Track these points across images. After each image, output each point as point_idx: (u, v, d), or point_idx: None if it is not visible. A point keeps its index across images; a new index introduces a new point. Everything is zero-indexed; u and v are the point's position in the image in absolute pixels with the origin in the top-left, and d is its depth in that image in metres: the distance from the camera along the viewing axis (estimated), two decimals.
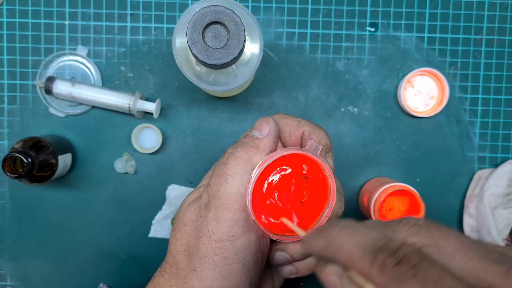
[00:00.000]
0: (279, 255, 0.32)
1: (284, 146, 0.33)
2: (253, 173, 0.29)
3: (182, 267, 0.30)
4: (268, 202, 0.30)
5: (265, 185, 0.30)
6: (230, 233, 0.29)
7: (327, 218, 0.30)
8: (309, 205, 0.31)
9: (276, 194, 0.31)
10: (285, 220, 0.30)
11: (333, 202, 0.30)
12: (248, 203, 0.29)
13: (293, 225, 0.29)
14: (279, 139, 0.33)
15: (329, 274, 0.23)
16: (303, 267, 0.33)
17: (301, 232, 0.27)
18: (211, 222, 0.29)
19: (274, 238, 0.30)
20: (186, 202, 0.32)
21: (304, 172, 0.31)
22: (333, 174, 0.30)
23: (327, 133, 0.33)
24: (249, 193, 0.29)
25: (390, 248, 0.20)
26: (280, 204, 0.30)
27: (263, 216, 0.30)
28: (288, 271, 0.33)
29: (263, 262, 0.32)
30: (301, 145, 0.32)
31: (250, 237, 0.30)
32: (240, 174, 0.29)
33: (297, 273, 0.33)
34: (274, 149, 0.31)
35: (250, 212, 0.29)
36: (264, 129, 0.31)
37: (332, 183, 0.30)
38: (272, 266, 0.35)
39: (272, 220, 0.30)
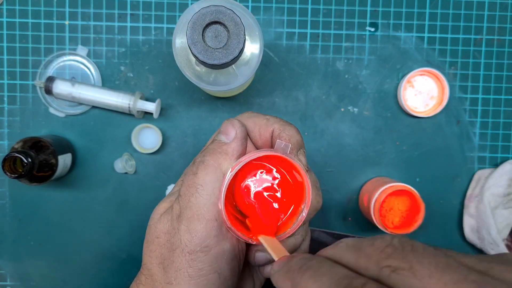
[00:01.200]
0: (260, 256, 0.32)
1: (255, 146, 0.32)
2: (225, 179, 0.28)
3: (157, 279, 0.30)
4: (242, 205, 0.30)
5: (238, 188, 0.30)
6: (203, 244, 0.28)
7: (303, 220, 0.30)
8: (286, 204, 0.31)
9: (250, 196, 0.30)
10: (262, 239, 0.29)
11: (309, 200, 0.30)
12: (222, 208, 0.28)
13: (268, 248, 0.28)
14: (250, 140, 0.32)
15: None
16: None
17: (274, 257, 0.27)
18: (184, 234, 0.29)
19: (252, 242, 0.30)
20: (157, 213, 0.32)
21: (276, 173, 0.31)
22: (306, 171, 0.30)
23: (297, 129, 0.32)
24: (222, 199, 0.28)
25: (355, 286, 0.19)
26: (255, 205, 0.30)
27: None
28: (270, 270, 0.33)
29: (240, 268, 0.32)
30: (272, 144, 0.32)
31: (224, 246, 0.29)
32: (211, 182, 0.29)
33: None
34: (244, 152, 0.31)
35: (224, 218, 0.29)
36: (230, 133, 0.30)
37: (306, 181, 0.29)
38: (251, 267, 0.35)
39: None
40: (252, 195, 0.31)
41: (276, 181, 0.31)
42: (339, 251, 0.23)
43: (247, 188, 0.31)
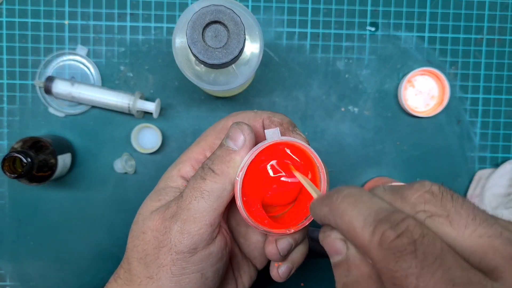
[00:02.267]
0: (283, 243, 0.31)
1: None
2: (237, 181, 0.29)
3: (136, 274, 0.30)
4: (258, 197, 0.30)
5: (254, 179, 0.30)
6: (192, 246, 0.29)
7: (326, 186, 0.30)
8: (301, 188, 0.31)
9: (267, 188, 0.31)
10: (298, 175, 0.29)
11: (324, 173, 0.30)
12: (240, 204, 0.29)
13: (307, 184, 0.28)
14: None
15: (334, 240, 0.22)
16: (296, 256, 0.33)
17: (314, 194, 0.27)
18: (175, 234, 0.29)
19: (275, 232, 0.30)
20: (148, 209, 0.32)
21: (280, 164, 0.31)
22: (308, 143, 0.30)
23: (285, 115, 0.32)
24: (239, 195, 0.29)
25: (393, 220, 0.18)
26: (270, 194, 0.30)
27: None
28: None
29: (224, 271, 0.32)
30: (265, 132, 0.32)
31: (211, 249, 0.30)
32: (218, 191, 0.29)
33: (292, 266, 0.33)
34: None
35: (243, 212, 0.29)
36: (239, 139, 0.29)
37: (315, 155, 0.29)
38: (236, 272, 0.35)
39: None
40: (267, 185, 0.31)
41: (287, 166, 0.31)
42: (376, 190, 0.23)
43: (263, 172, 0.30)
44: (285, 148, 0.30)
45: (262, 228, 0.29)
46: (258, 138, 0.31)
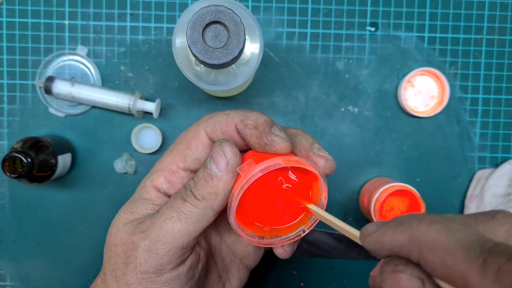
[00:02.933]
0: (290, 246, 0.29)
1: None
2: (231, 204, 0.27)
3: (109, 287, 0.29)
4: (255, 210, 0.30)
5: (248, 197, 0.29)
6: (158, 267, 0.27)
7: (326, 195, 0.28)
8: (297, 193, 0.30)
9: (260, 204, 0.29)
10: (318, 211, 0.27)
11: (324, 184, 0.28)
12: (234, 221, 0.27)
13: (347, 226, 0.25)
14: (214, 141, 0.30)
15: (410, 278, 0.18)
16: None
17: (354, 231, 0.24)
18: (142, 252, 0.27)
19: (276, 245, 0.29)
20: (120, 221, 0.30)
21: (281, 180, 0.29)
22: (291, 144, 0.28)
23: (260, 112, 0.30)
24: (233, 216, 0.27)
25: (505, 250, 0.15)
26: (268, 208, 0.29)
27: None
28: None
29: (199, 286, 0.31)
30: (238, 138, 0.29)
31: (180, 270, 0.28)
32: (197, 215, 0.27)
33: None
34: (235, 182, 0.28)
35: (238, 230, 0.28)
36: (221, 163, 0.27)
37: (307, 166, 0.27)
38: (223, 276, 0.34)
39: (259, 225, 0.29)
40: (261, 202, 0.29)
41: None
42: (454, 219, 0.19)
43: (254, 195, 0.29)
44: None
45: (264, 244, 0.28)
46: (233, 141, 0.29)
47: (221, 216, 0.31)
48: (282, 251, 0.30)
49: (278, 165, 0.26)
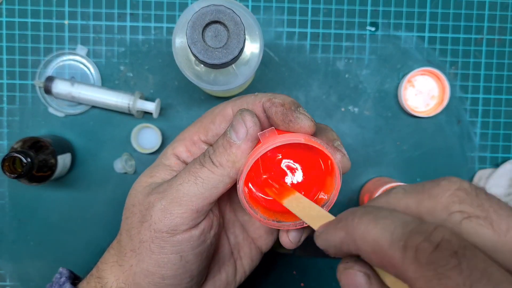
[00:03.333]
0: (295, 236, 0.29)
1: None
2: (239, 181, 0.27)
3: (123, 245, 0.30)
4: (264, 188, 0.29)
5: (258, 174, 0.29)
6: (171, 227, 0.28)
7: (339, 181, 0.28)
8: (310, 176, 0.29)
9: (271, 179, 0.29)
10: (289, 202, 0.26)
11: (338, 171, 0.27)
12: (243, 200, 0.28)
13: (307, 215, 0.25)
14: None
15: (355, 274, 0.19)
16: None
17: (318, 222, 0.24)
18: (157, 211, 0.28)
19: (278, 227, 0.29)
20: (140, 184, 0.32)
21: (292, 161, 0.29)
22: (314, 128, 0.28)
23: (288, 95, 0.30)
24: (242, 181, 0.27)
25: (424, 230, 0.16)
26: (277, 186, 0.29)
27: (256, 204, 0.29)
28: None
29: (209, 254, 0.31)
30: (266, 115, 0.29)
31: (193, 232, 0.29)
32: (214, 181, 0.28)
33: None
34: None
35: (247, 207, 0.28)
36: (241, 132, 0.28)
37: (322, 147, 0.27)
38: (235, 252, 0.34)
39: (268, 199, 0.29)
40: (273, 176, 0.29)
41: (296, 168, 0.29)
42: (394, 197, 0.21)
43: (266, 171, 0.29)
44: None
45: (272, 225, 0.28)
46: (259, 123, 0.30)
47: (236, 193, 0.31)
48: (287, 241, 0.30)
49: (298, 140, 0.26)
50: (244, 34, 0.37)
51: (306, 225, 0.28)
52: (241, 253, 0.35)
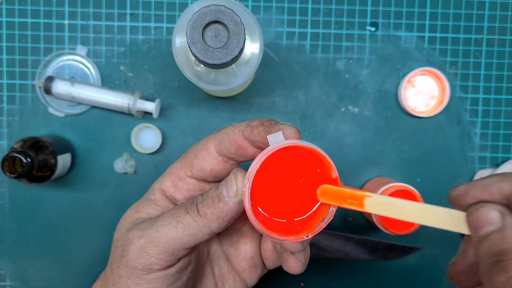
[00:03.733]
0: (297, 249, 0.30)
1: (229, 158, 0.31)
2: (245, 196, 0.27)
3: (107, 278, 0.31)
4: (267, 203, 0.29)
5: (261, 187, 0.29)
6: (146, 266, 0.29)
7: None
8: (309, 183, 0.30)
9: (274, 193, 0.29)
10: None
11: (333, 167, 0.29)
12: (251, 215, 0.27)
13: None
14: (225, 154, 0.31)
15: (487, 212, 0.23)
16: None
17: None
18: (134, 249, 0.29)
19: (288, 240, 0.28)
20: (126, 219, 0.33)
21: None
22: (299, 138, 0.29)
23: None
24: (249, 207, 0.27)
25: None
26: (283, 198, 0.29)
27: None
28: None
29: (187, 286, 0.32)
30: (248, 141, 0.30)
31: (168, 271, 0.29)
32: (194, 230, 0.28)
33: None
34: (240, 212, 0.29)
35: (255, 223, 0.27)
36: (232, 189, 0.28)
37: (322, 155, 0.28)
38: (219, 284, 0.34)
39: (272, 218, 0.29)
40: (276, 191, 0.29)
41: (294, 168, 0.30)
42: (489, 180, 0.24)
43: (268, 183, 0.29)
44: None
45: (278, 237, 0.28)
46: (241, 151, 0.30)
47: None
48: (294, 265, 0.31)
49: (295, 144, 0.27)
50: (244, 34, 0.37)
51: (318, 230, 0.28)
52: (225, 285, 0.35)
